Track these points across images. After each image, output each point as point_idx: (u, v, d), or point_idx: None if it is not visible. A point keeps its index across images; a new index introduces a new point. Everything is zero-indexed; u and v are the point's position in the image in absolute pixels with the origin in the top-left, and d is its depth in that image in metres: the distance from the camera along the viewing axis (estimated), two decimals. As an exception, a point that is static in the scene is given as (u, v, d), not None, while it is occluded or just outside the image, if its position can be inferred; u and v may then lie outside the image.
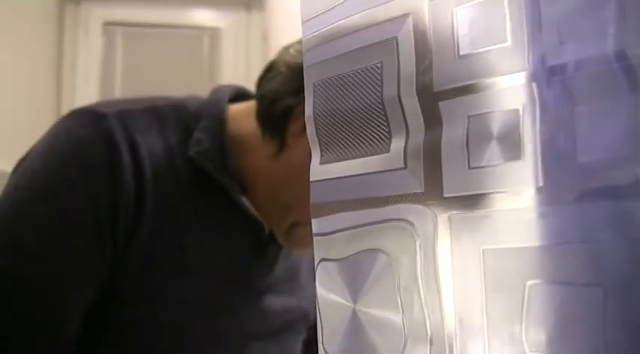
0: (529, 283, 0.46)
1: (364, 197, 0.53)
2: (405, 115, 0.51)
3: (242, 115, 1.00)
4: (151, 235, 0.92)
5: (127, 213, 0.90)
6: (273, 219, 1.00)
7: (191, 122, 0.98)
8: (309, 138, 0.57)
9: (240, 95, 1.05)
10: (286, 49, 0.99)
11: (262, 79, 0.99)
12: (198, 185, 0.96)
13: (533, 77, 0.46)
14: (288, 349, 1.11)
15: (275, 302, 1.06)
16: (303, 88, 0.94)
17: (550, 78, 0.46)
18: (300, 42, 0.95)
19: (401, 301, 0.51)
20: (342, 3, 0.56)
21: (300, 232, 0.99)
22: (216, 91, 1.05)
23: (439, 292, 0.49)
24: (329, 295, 0.54)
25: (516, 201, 0.47)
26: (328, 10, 0.57)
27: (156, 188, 0.92)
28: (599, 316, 0.44)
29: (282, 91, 0.94)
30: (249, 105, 1.03)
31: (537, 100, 0.46)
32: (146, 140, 0.93)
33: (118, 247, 0.89)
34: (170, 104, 1.00)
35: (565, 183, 0.45)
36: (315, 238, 0.56)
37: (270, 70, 0.98)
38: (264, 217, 1.01)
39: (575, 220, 0.45)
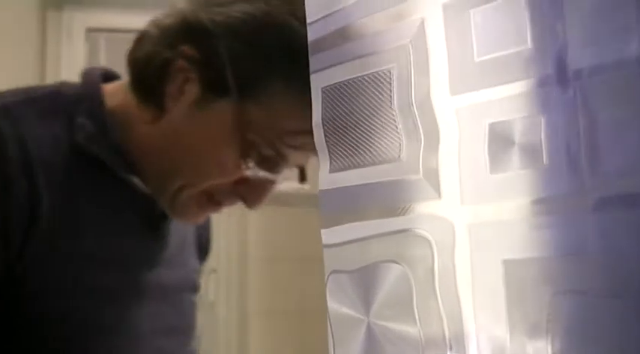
0: (551, 294, 0.45)
1: (376, 206, 0.52)
2: (419, 121, 0.50)
3: (118, 90, 0.99)
4: (49, 228, 0.91)
5: (21, 211, 0.89)
6: (160, 187, 0.98)
7: (71, 108, 0.97)
8: (317, 145, 0.55)
9: (110, 76, 1.04)
10: (153, 19, 0.98)
11: (133, 50, 0.97)
12: (89, 171, 0.95)
13: (555, 82, 0.45)
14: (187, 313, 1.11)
15: (171, 276, 1.06)
16: (178, 41, 0.93)
17: (571, 83, 0.44)
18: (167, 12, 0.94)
19: (418, 313, 0.49)
20: (350, 5, 0.54)
21: (184, 196, 0.96)
22: (87, 74, 1.03)
23: (459, 303, 0.47)
24: (341, 309, 0.53)
25: (537, 209, 0.45)
26: (335, 12, 0.55)
27: (48, 182, 0.91)
28: (621, 327, 0.43)
29: (154, 52, 0.93)
30: (123, 82, 1.02)
31: (558, 106, 0.45)
32: (32, 133, 0.93)
33: (12, 247, 0.88)
34: (48, 93, 0.99)
35: (585, 191, 0.44)
36: (325, 250, 0.54)
37: (139, 40, 0.96)
38: (152, 189, 1.00)
39: (596, 229, 0.44)
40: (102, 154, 0.93)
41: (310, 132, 0.88)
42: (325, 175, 0.55)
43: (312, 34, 0.56)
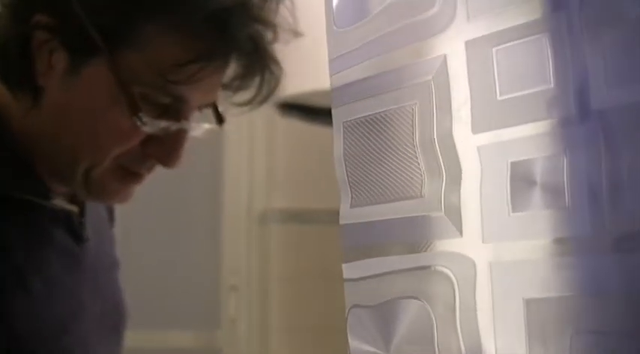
0: (572, 333, 0.45)
1: (398, 242, 0.52)
2: (442, 158, 0.50)
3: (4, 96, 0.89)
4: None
5: None
6: (68, 176, 0.86)
7: None
8: (338, 179, 0.56)
9: None
10: None
11: None
12: (6, 212, 0.84)
13: (577, 122, 0.45)
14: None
15: (99, 272, 0.98)
16: (29, 15, 0.85)
17: (594, 123, 0.44)
18: None
19: (438, 350, 0.49)
20: (372, 41, 0.54)
21: (95, 177, 0.86)
22: None
23: (480, 340, 0.47)
24: (362, 345, 0.53)
25: (558, 249, 0.45)
26: (357, 48, 0.55)
27: None
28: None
29: (8, 34, 0.82)
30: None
31: (581, 146, 0.45)
32: None
33: None
34: None
35: (607, 231, 0.44)
36: (346, 284, 0.54)
37: None
38: (61, 182, 0.90)
39: (617, 270, 0.43)
40: (18, 193, 0.85)
41: (194, 61, 0.76)
42: (346, 210, 0.55)
43: (334, 70, 0.56)
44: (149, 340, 1.98)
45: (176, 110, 0.81)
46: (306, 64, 1.84)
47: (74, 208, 0.90)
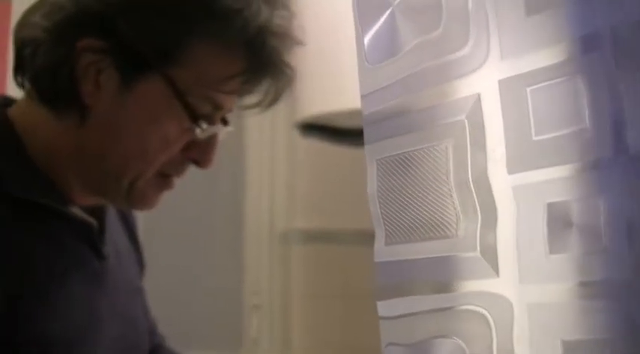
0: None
1: (433, 281, 0.52)
2: (477, 198, 0.50)
3: (26, 111, 0.91)
4: (8, 303, 0.86)
5: None
6: (109, 189, 0.91)
7: None
8: (372, 216, 0.56)
9: (6, 101, 0.96)
10: (24, 22, 0.89)
11: (22, 61, 0.88)
12: (27, 218, 0.88)
13: (614, 163, 0.44)
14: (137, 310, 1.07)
15: (119, 288, 1.00)
16: (74, 39, 0.87)
17: (632, 164, 0.44)
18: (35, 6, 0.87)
19: (475, 391, 0.49)
20: (404, 78, 0.54)
21: (140, 186, 0.90)
22: None
23: (517, 382, 0.47)
24: (398, 382, 0.53)
25: (598, 292, 0.45)
26: (390, 84, 0.56)
27: (6, 251, 0.86)
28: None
29: (53, 58, 0.85)
30: (24, 100, 0.93)
31: (618, 188, 0.44)
32: None
33: None
34: None
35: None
36: (381, 322, 0.54)
37: (22, 49, 0.88)
38: (97, 193, 0.93)
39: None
40: (42, 198, 0.88)
41: (238, 75, 0.87)
42: (381, 248, 0.55)
43: (367, 107, 0.56)
44: (172, 361, 1.98)
45: (214, 116, 0.89)
46: (328, 85, 1.84)
47: (93, 221, 0.93)
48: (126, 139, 0.90)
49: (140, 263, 1.15)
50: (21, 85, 0.92)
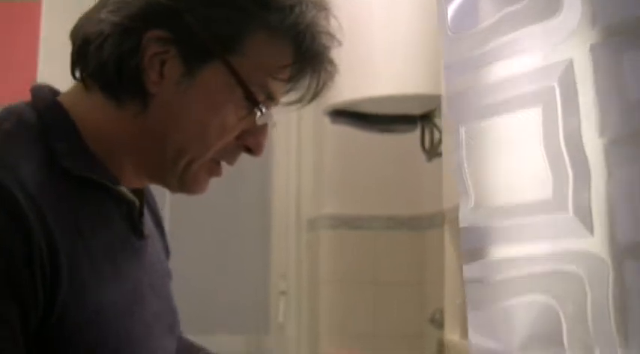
0: None
1: (522, 243, 0.53)
2: (568, 160, 0.51)
3: (78, 101, 0.99)
4: (69, 269, 0.92)
5: (42, 262, 0.89)
6: (165, 172, 0.97)
7: (41, 134, 0.98)
8: (457, 182, 0.57)
9: (54, 90, 1.04)
10: (88, 19, 0.96)
11: (84, 55, 0.96)
12: (79, 192, 0.95)
13: None
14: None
15: (156, 269, 1.08)
16: (140, 32, 0.94)
17: None
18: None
19: (568, 349, 0.50)
20: (491, 47, 0.56)
21: (194, 169, 0.96)
22: (38, 92, 1.02)
23: (612, 337, 0.48)
24: (486, 342, 0.54)
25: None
26: (476, 53, 0.57)
27: (56, 221, 0.92)
28: None
29: (119, 51, 0.91)
30: (75, 91, 1.01)
31: None
32: (23, 173, 0.94)
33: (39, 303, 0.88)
34: (16, 123, 0.99)
35: None
36: (466, 284, 0.55)
37: (86, 44, 0.93)
38: (150, 178, 1.01)
39: None
40: (89, 173, 0.95)
41: (292, 64, 0.89)
42: (467, 213, 0.56)
43: (450, 76, 0.57)
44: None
45: (270, 103, 0.92)
46: (356, 71, 1.85)
47: (136, 200, 0.98)
48: (186, 126, 0.95)
49: (166, 250, 1.21)
50: (80, 79, 0.98)
